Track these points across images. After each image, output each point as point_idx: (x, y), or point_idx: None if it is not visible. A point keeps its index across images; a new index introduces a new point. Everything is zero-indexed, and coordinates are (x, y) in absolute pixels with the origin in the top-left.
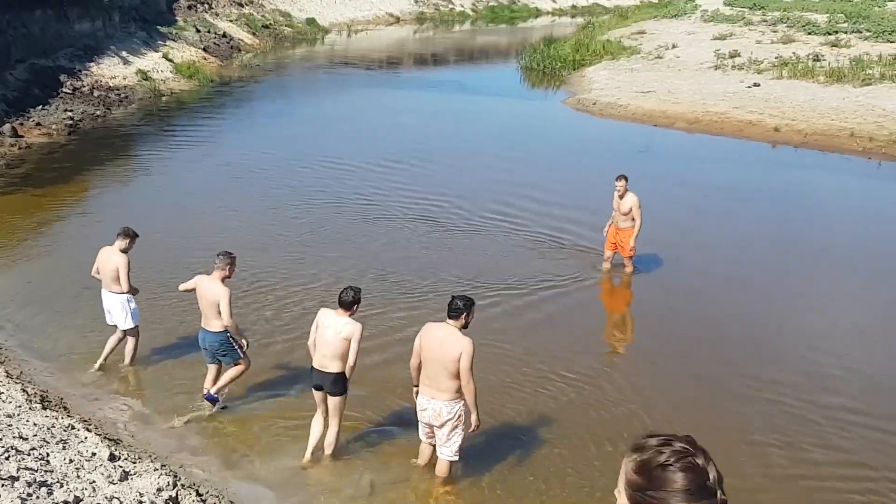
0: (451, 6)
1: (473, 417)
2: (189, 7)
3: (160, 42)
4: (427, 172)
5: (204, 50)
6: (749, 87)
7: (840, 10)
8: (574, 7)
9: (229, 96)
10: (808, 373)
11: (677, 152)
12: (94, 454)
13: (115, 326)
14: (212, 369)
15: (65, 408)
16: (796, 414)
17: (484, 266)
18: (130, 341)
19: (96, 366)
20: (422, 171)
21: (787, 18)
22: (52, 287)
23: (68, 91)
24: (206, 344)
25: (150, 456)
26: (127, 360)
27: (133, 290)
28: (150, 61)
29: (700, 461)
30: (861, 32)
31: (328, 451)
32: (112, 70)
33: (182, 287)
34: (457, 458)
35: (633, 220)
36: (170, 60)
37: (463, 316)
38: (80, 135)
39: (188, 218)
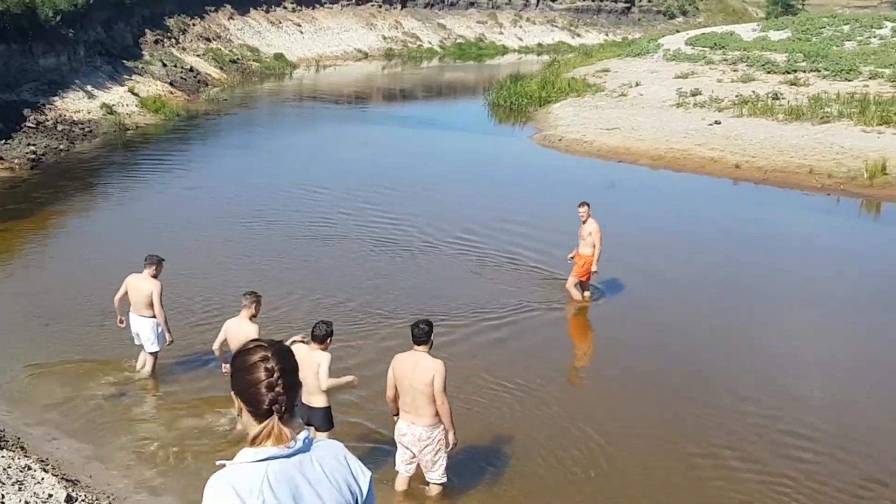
0: (418, 43)
1: (451, 436)
2: (156, 41)
3: (126, 76)
4: (394, 204)
5: (170, 84)
6: (710, 124)
7: (799, 49)
8: (540, 45)
9: (195, 130)
10: (759, 398)
11: (642, 188)
12: (50, 496)
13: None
14: None
15: (22, 447)
16: (760, 435)
17: (449, 291)
18: (150, 362)
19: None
20: (387, 208)
21: (747, 58)
22: (12, 322)
23: (31, 125)
24: None
25: (108, 497)
26: (147, 373)
27: (164, 320)
28: (116, 95)
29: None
30: (819, 71)
31: None
32: (76, 104)
33: (217, 345)
34: (445, 480)
35: (593, 245)
36: (135, 94)
37: (428, 339)
38: (43, 169)
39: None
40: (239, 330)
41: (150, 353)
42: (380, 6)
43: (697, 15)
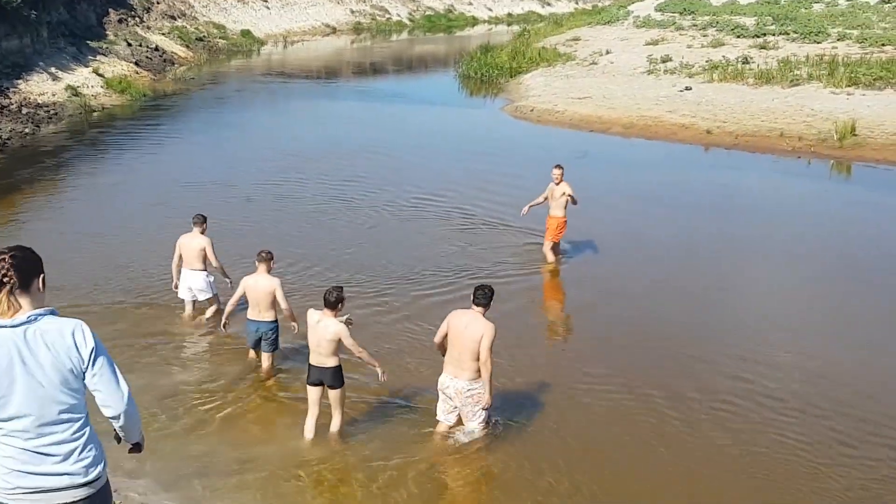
0: (387, 16)
1: (487, 397)
2: (119, 21)
3: (90, 57)
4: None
5: (136, 64)
6: (681, 91)
7: (767, 12)
8: (510, 15)
9: (162, 110)
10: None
11: (614, 157)
12: None
13: (193, 302)
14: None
15: None
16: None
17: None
18: (212, 308)
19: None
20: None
21: (717, 22)
22: None
23: None
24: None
25: None
26: (209, 314)
27: (221, 267)
28: (80, 77)
29: None
30: (788, 34)
31: (335, 439)
32: (41, 87)
33: (234, 299)
34: (486, 429)
35: (564, 206)
36: (100, 75)
37: (489, 303)
38: (8, 153)
39: (118, 230)
40: (258, 283)
41: (209, 300)
42: None
43: None
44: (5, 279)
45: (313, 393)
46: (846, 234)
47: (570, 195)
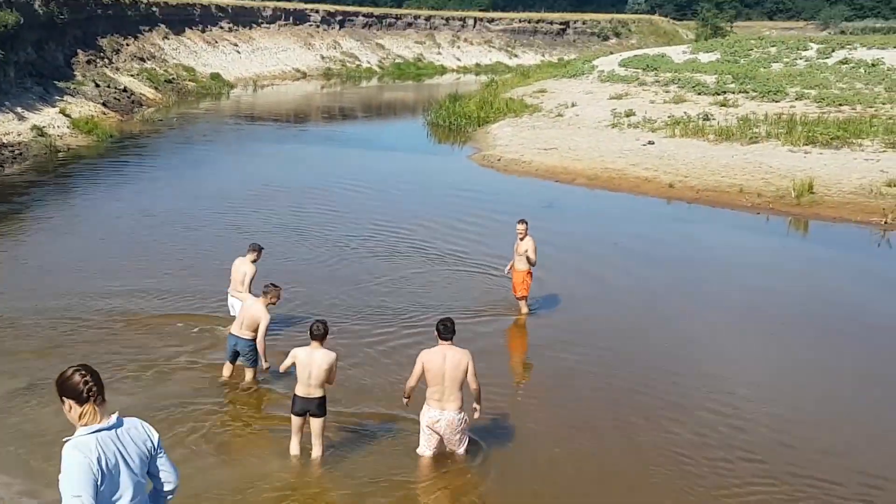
0: (357, 63)
1: (477, 409)
2: (88, 62)
3: (57, 97)
4: (336, 225)
5: (103, 105)
6: (644, 144)
7: (727, 70)
8: (478, 65)
9: (128, 151)
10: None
11: (579, 208)
12: None
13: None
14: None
15: None
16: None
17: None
18: (249, 373)
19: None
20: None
21: (679, 79)
22: None
23: None
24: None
25: None
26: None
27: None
28: (47, 117)
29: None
30: (748, 92)
31: (317, 465)
32: (6, 126)
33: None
34: (468, 452)
35: (528, 260)
36: (67, 116)
37: (454, 334)
38: None
39: (83, 270)
40: (251, 309)
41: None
42: (318, 26)
43: (630, 37)
44: (91, 393)
45: (297, 422)
46: (801, 288)
47: (528, 255)
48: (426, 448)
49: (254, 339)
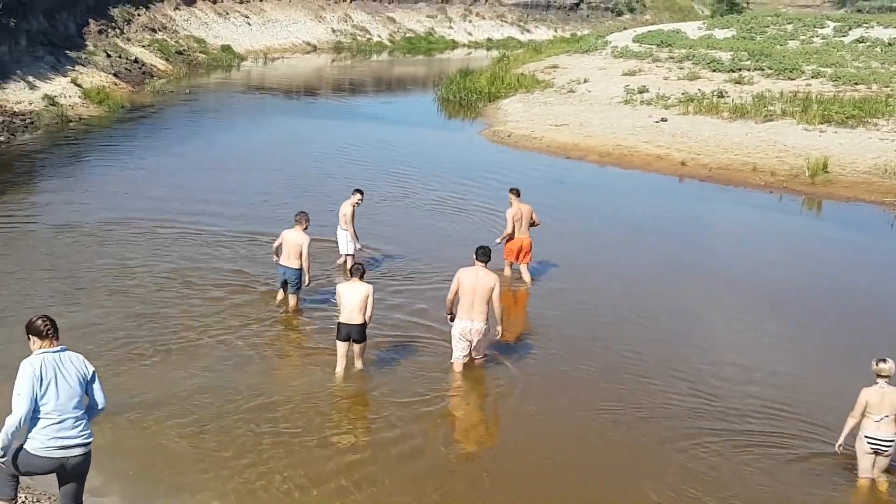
0: (368, 36)
1: (499, 328)
2: (100, 32)
3: (69, 67)
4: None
5: (115, 75)
6: (657, 121)
7: (743, 47)
8: (489, 40)
9: (140, 123)
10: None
11: (590, 184)
12: None
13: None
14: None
15: None
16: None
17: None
18: (293, 299)
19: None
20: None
21: (693, 56)
22: None
23: None
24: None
25: (49, 498)
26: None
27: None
28: (58, 86)
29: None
30: (763, 70)
31: (359, 376)
32: (17, 95)
33: (274, 245)
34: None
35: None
36: (78, 86)
37: (489, 259)
38: None
39: (92, 240)
40: (293, 238)
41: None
42: None
43: (644, 12)
44: (48, 333)
45: (342, 347)
46: (812, 268)
47: (535, 219)
48: (459, 356)
49: (299, 269)
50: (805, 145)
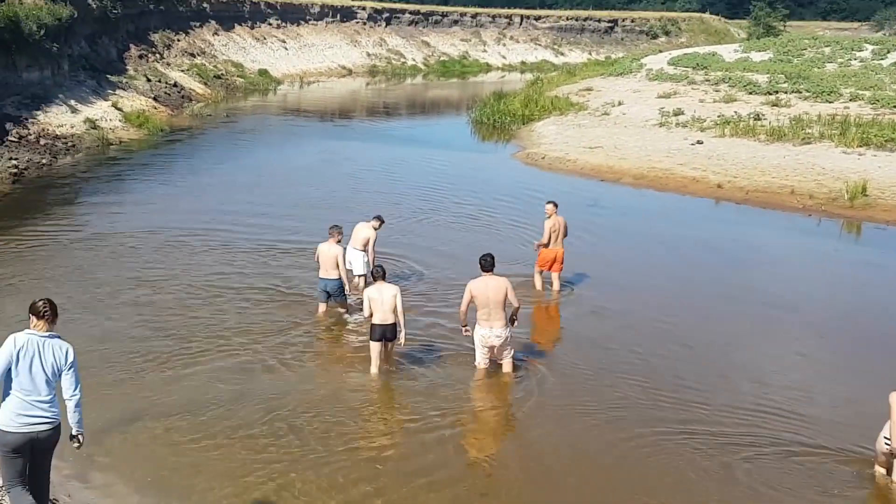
0: (402, 60)
1: (515, 322)
2: (140, 56)
3: (109, 91)
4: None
5: (154, 99)
6: (692, 144)
7: (780, 70)
8: (523, 63)
9: (179, 145)
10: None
11: (624, 207)
12: None
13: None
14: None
15: None
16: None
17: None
18: (341, 306)
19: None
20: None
21: (729, 78)
22: None
23: (14, 139)
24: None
25: None
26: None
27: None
28: (99, 110)
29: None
30: (801, 92)
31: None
32: (59, 118)
33: (315, 257)
34: (513, 358)
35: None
36: (119, 109)
37: (494, 266)
38: (25, 183)
39: (134, 261)
40: (329, 250)
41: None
42: (364, 23)
43: (680, 35)
44: (45, 315)
45: (376, 348)
46: (852, 294)
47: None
48: (481, 360)
49: (339, 278)
50: (843, 168)
